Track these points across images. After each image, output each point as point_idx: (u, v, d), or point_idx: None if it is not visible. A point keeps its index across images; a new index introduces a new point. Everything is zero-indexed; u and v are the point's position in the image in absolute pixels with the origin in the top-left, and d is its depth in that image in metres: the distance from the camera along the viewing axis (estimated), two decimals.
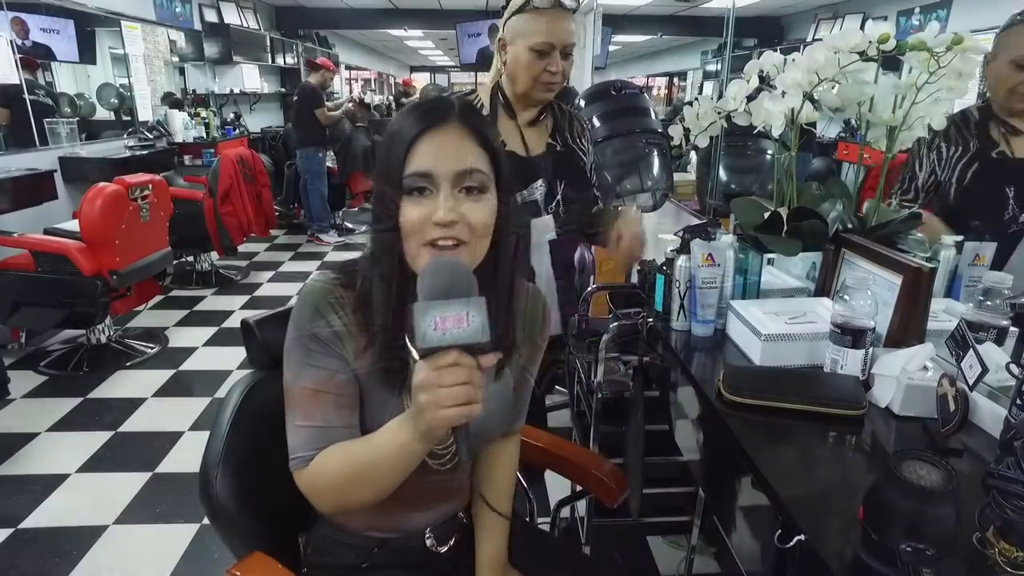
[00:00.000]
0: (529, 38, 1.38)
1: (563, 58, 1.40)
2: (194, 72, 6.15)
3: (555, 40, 1.37)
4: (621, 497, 1.16)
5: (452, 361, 0.67)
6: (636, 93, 2.00)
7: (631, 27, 8.01)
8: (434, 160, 0.78)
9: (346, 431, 0.84)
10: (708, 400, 1.08)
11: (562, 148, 1.52)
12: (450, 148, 0.79)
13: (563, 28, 1.37)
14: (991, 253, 1.35)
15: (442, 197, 0.78)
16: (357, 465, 0.81)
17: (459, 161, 0.78)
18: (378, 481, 0.80)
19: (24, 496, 2.18)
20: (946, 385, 0.93)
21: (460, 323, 0.66)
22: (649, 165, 1.88)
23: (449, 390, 0.67)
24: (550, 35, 1.36)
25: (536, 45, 1.37)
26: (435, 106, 0.81)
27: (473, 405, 0.68)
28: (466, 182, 0.79)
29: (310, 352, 0.84)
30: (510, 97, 1.47)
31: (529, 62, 1.39)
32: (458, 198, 0.78)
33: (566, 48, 1.40)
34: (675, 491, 1.77)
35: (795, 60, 1.33)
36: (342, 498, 0.84)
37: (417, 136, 0.78)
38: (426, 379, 0.67)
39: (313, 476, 0.83)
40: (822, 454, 0.94)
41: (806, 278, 1.42)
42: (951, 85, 1.23)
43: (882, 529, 0.68)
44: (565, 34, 1.38)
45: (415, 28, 9.04)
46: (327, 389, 0.83)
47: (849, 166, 5.15)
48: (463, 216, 0.78)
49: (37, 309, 3.01)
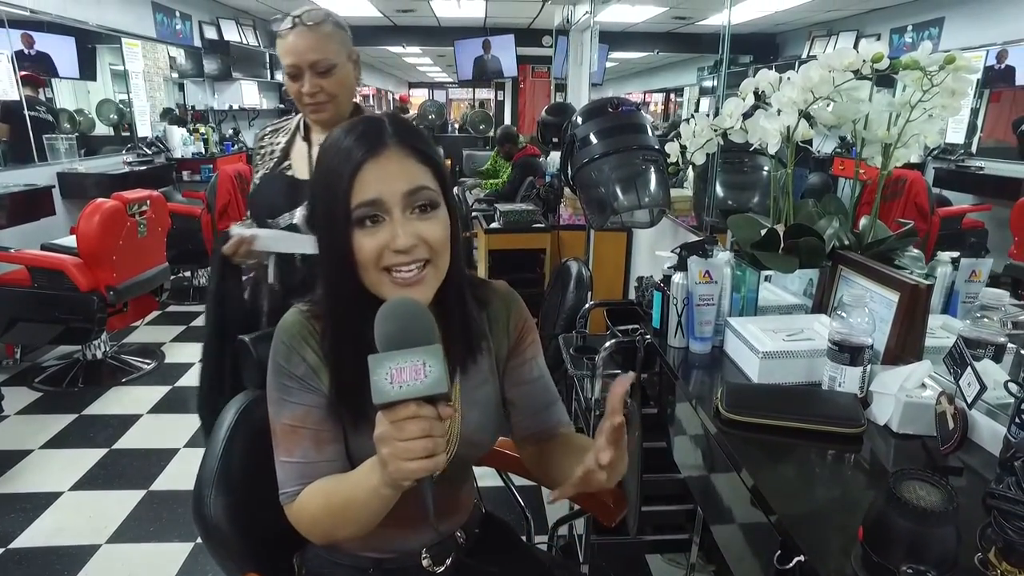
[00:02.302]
0: (283, 63, 1.38)
1: (318, 76, 1.36)
2: (193, 88, 6.18)
3: (298, 60, 1.35)
4: (619, 516, 1.15)
5: (411, 414, 0.65)
6: (633, 110, 2.01)
7: (628, 44, 8.07)
8: (381, 186, 0.76)
9: (328, 465, 0.84)
10: (706, 418, 1.07)
11: None
12: (394, 171, 0.77)
13: (304, 46, 1.35)
14: (987, 269, 1.35)
15: (397, 222, 0.76)
16: (335, 504, 0.80)
17: (406, 181, 0.77)
18: (355, 520, 0.79)
19: (16, 515, 2.16)
20: (944, 403, 0.93)
21: (417, 374, 0.64)
22: (646, 182, 1.88)
23: (408, 443, 0.65)
24: (293, 55, 1.35)
25: (287, 69, 1.38)
26: (368, 130, 0.79)
27: (435, 457, 0.66)
28: (416, 201, 0.77)
29: (287, 388, 0.84)
30: (308, 122, 1.49)
31: (288, 86, 1.40)
32: (410, 219, 0.78)
33: (314, 65, 1.35)
34: (674, 509, 1.75)
35: (790, 78, 1.34)
36: (326, 533, 0.84)
37: (357, 166, 0.76)
38: (384, 432, 0.66)
39: (298, 511, 0.83)
40: (821, 472, 0.93)
41: (803, 295, 1.42)
42: (944, 103, 1.24)
43: (882, 550, 0.67)
44: (307, 51, 1.35)
45: (413, 45, 9.11)
46: (305, 425, 0.83)
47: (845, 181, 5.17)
48: (421, 237, 0.77)
49: (33, 325, 3.00)
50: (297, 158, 1.48)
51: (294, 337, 0.84)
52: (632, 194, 1.87)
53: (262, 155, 1.52)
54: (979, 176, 3.73)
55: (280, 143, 1.50)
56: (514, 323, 0.97)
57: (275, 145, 1.51)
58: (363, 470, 0.77)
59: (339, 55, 1.38)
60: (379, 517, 0.79)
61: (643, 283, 1.62)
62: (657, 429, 1.42)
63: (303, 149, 1.48)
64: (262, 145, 1.53)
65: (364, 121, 0.81)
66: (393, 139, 0.78)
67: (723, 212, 2.10)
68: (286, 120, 1.55)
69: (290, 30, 1.35)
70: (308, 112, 1.43)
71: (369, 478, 0.74)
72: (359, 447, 0.84)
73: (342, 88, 1.40)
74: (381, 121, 0.80)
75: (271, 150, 1.50)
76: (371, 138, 0.78)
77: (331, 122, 1.42)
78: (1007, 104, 3.76)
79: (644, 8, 5.91)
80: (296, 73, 1.37)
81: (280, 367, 0.84)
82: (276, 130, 1.53)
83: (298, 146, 1.49)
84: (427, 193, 0.78)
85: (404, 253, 0.76)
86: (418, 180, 0.78)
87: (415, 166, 0.78)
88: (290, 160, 1.47)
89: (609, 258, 3.44)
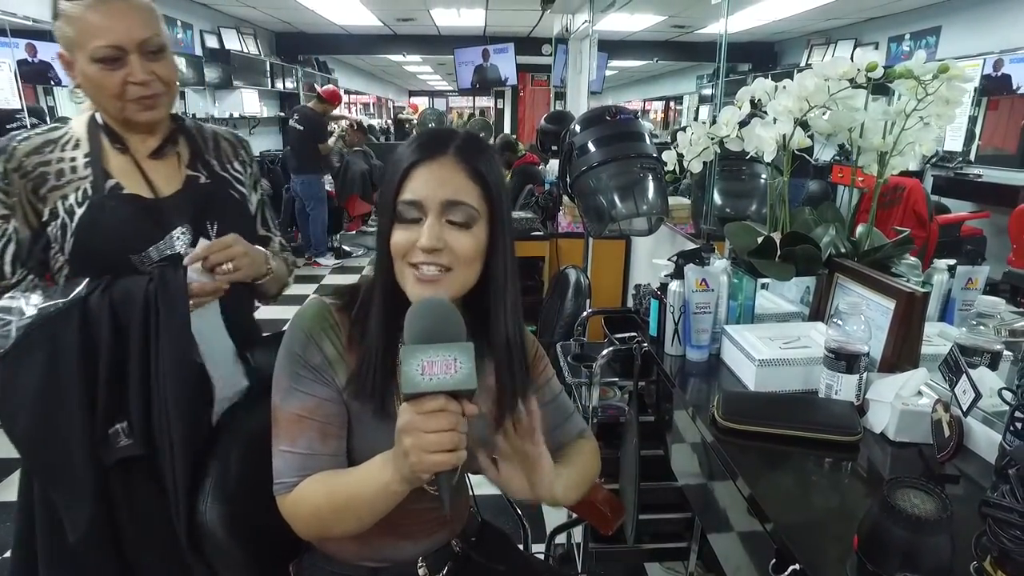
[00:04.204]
0: (85, 47, 1.00)
1: (148, 59, 1.03)
2: (194, 96, 6.20)
3: (120, 38, 1.00)
4: (617, 524, 1.15)
5: (439, 407, 0.66)
6: (631, 118, 2.02)
7: (627, 53, 8.12)
8: (424, 189, 0.79)
9: (330, 459, 0.84)
10: (703, 426, 1.07)
11: (208, 179, 1.17)
12: (441, 178, 0.79)
13: (127, 21, 1.00)
14: (983, 277, 1.35)
15: (427, 224, 0.78)
16: (338, 497, 0.80)
17: (448, 192, 0.79)
18: (358, 515, 0.80)
19: (12, 524, 2.14)
20: (940, 411, 0.93)
21: (448, 369, 0.65)
22: (644, 190, 1.89)
23: (434, 435, 0.66)
24: (112, 33, 0.99)
25: (97, 53, 0.99)
26: (435, 137, 0.82)
27: (458, 452, 0.67)
28: (452, 213, 0.79)
29: (299, 378, 0.84)
30: (112, 126, 1.10)
31: (98, 79, 1.01)
32: (443, 226, 0.79)
33: (144, 44, 1.02)
34: (672, 517, 1.75)
35: (786, 87, 1.35)
36: (322, 527, 0.84)
37: (412, 166, 0.79)
38: (411, 423, 0.67)
39: (295, 503, 0.83)
40: (817, 480, 0.93)
41: (800, 302, 1.42)
42: (939, 111, 1.25)
43: (877, 559, 0.67)
44: (132, 27, 1.00)
45: (414, 53, 9.16)
46: (313, 416, 0.83)
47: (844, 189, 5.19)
48: (447, 244, 0.79)
49: None
50: (123, 174, 1.09)
51: (313, 327, 0.84)
52: (630, 202, 1.88)
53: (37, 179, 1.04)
54: (977, 184, 3.75)
55: (75, 158, 1.07)
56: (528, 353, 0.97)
57: (64, 163, 1.06)
58: (373, 465, 0.78)
59: (165, 35, 1.07)
60: (379, 516, 0.80)
61: (641, 291, 1.62)
62: (654, 437, 1.42)
63: (124, 162, 1.10)
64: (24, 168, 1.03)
65: (443, 129, 0.86)
66: (454, 150, 0.80)
67: (720, 220, 2.11)
68: (50, 129, 1.09)
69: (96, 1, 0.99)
70: (135, 110, 1.05)
71: (381, 473, 0.75)
72: (366, 443, 0.84)
73: (175, 75, 1.09)
74: (455, 132, 0.84)
75: (60, 169, 1.06)
76: (437, 143, 0.81)
77: (158, 123, 1.11)
78: (1005, 112, 3.78)
79: (643, 17, 5.95)
80: (116, 56, 1.00)
81: (295, 355, 0.84)
82: (46, 143, 1.07)
83: (115, 159, 1.09)
84: (467, 209, 0.79)
85: (427, 252, 0.78)
86: (461, 194, 0.79)
87: (464, 181, 0.80)
88: (115, 178, 1.08)
89: (608, 266, 3.44)
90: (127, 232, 1.06)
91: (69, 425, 0.98)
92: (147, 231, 1.07)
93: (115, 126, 1.10)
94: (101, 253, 1.05)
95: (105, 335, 0.98)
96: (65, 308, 0.98)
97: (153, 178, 1.11)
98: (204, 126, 1.24)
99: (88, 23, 0.99)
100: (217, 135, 1.24)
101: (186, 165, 1.16)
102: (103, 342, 0.98)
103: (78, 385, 0.97)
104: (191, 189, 1.14)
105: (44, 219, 1.06)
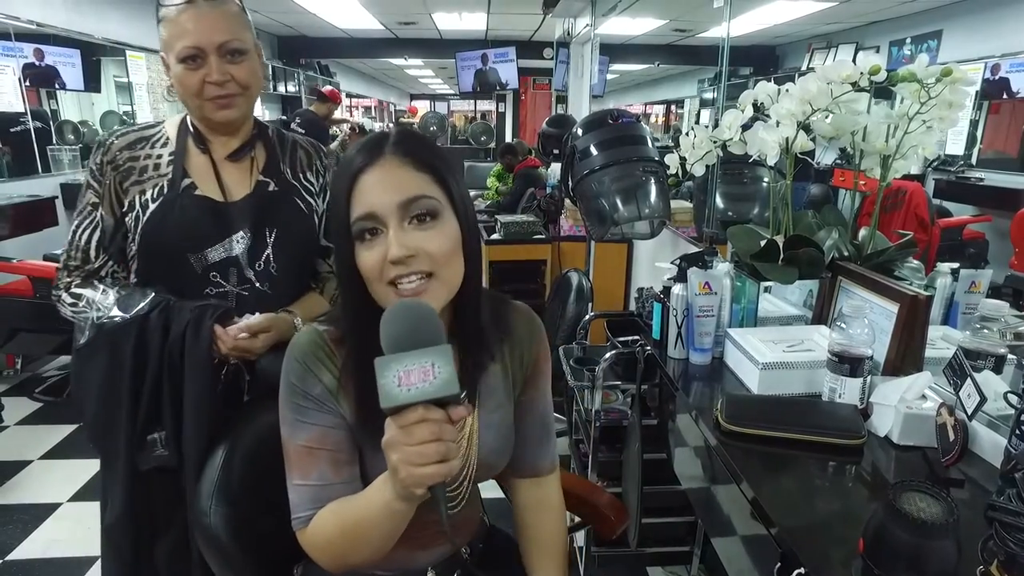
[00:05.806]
0: (174, 48, 1.08)
1: (228, 61, 1.09)
2: None
3: (200, 40, 1.06)
4: (620, 528, 1.14)
5: (419, 418, 0.63)
6: (632, 121, 2.02)
7: (628, 56, 8.13)
8: (374, 197, 0.74)
9: (345, 487, 0.81)
10: (706, 429, 1.07)
11: (276, 187, 1.20)
12: (388, 181, 0.74)
13: (209, 24, 1.07)
14: (987, 280, 1.35)
15: (391, 233, 0.74)
16: (347, 523, 0.78)
17: (400, 191, 0.74)
18: (369, 540, 0.77)
19: (13, 526, 2.15)
20: (945, 414, 0.92)
21: (425, 376, 0.61)
22: (646, 193, 1.89)
23: (418, 448, 0.63)
24: (194, 35, 1.06)
25: (181, 54, 1.07)
26: (366, 143, 0.78)
27: (449, 462, 0.65)
28: (413, 211, 0.74)
29: (302, 409, 0.81)
30: (199, 127, 1.17)
31: (181, 78, 1.09)
32: (408, 230, 0.74)
33: (223, 47, 1.08)
34: (675, 521, 1.74)
35: (788, 91, 1.35)
36: (339, 556, 0.81)
37: (354, 178, 0.75)
38: (393, 438, 0.64)
39: (312, 536, 0.81)
40: (822, 484, 0.93)
41: (803, 306, 1.42)
42: (942, 115, 1.25)
43: (883, 563, 0.67)
44: (213, 31, 1.07)
45: (415, 57, 9.17)
46: (322, 446, 0.81)
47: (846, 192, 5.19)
48: (419, 248, 0.74)
49: (34, 335, 3.00)
50: (200, 175, 1.15)
51: (308, 357, 0.81)
52: (632, 205, 1.88)
53: (125, 172, 1.13)
54: (979, 187, 3.74)
55: (161, 156, 1.15)
56: (535, 353, 0.95)
57: (150, 159, 1.14)
58: (374, 486, 0.75)
59: (249, 41, 1.12)
60: (393, 538, 0.77)
61: (643, 294, 1.62)
62: (657, 441, 1.42)
63: (203, 163, 1.16)
64: (116, 162, 1.13)
65: (373, 135, 0.80)
66: (391, 148, 0.76)
67: (723, 223, 2.11)
68: (146, 127, 1.19)
69: (186, 5, 1.07)
70: (211, 108, 1.11)
71: (381, 493, 0.72)
72: (379, 467, 0.79)
73: (255, 79, 1.14)
74: (386, 133, 0.79)
75: (145, 166, 1.14)
76: (371, 149, 0.76)
77: (238, 124, 1.17)
78: (1006, 115, 3.78)
79: (644, 21, 5.95)
80: (196, 56, 1.07)
81: (294, 387, 0.81)
82: (140, 140, 1.15)
83: (195, 159, 1.16)
84: (426, 202, 0.75)
85: (402, 264, 0.73)
86: (414, 189, 0.75)
87: (412, 174, 0.75)
88: (191, 178, 1.14)
89: (610, 269, 3.44)
90: (190, 231, 1.12)
91: (119, 422, 1.09)
92: (209, 232, 1.13)
93: (200, 127, 1.16)
94: (163, 249, 1.13)
95: (154, 352, 1.07)
96: (124, 323, 1.08)
97: (226, 181, 1.17)
98: (286, 134, 1.28)
99: (177, 26, 1.07)
100: (296, 143, 1.27)
101: (260, 171, 1.20)
102: (151, 358, 1.08)
103: (128, 391, 1.08)
104: (258, 195, 1.18)
105: (124, 210, 1.13)
